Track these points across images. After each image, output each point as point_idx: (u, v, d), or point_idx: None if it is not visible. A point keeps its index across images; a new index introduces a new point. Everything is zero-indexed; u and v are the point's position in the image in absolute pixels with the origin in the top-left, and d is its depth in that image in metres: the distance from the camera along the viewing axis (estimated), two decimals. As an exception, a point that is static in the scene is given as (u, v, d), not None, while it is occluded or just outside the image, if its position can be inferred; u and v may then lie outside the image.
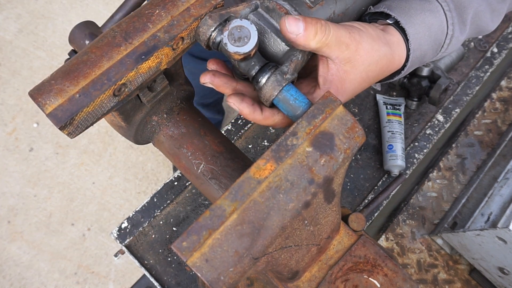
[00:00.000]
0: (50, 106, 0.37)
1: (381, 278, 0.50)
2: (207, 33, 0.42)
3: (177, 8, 0.42)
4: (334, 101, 0.40)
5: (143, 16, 0.41)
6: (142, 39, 0.40)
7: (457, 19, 0.52)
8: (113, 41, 0.40)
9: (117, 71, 0.39)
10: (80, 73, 0.38)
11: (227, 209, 0.34)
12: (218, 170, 0.51)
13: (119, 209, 1.90)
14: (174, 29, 0.41)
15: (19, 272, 1.78)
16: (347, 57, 0.44)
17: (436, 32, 0.51)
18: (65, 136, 1.99)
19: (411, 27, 0.49)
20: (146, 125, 0.51)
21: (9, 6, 2.27)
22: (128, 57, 0.39)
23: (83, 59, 0.39)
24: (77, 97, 0.37)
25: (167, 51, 0.41)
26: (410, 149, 0.99)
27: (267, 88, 0.42)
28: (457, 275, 0.89)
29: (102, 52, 0.39)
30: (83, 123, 0.39)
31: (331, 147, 0.38)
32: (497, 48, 1.11)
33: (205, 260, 0.33)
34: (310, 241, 0.45)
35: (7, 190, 1.90)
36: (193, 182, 0.53)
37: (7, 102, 2.07)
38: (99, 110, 0.39)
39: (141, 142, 0.54)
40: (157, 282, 0.86)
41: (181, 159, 0.52)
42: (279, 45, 0.44)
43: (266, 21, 0.44)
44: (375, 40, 0.46)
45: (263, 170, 0.36)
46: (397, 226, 0.93)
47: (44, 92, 0.37)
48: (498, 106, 1.06)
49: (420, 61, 0.52)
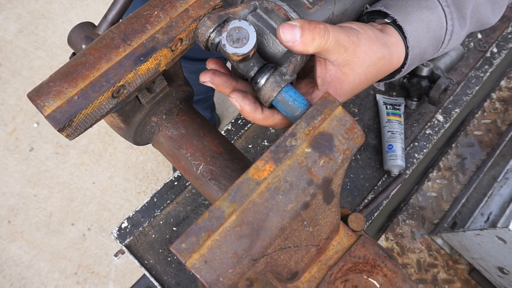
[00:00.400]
0: (49, 108, 0.37)
1: (381, 278, 0.50)
2: (206, 34, 0.42)
3: (175, 9, 0.42)
4: (333, 102, 0.40)
5: (142, 18, 0.41)
6: (141, 41, 0.40)
7: (456, 14, 0.52)
8: (112, 42, 0.40)
9: (115, 73, 0.39)
10: (79, 75, 0.38)
11: (226, 210, 0.34)
12: (218, 171, 0.51)
13: (119, 209, 1.91)
14: (173, 30, 0.41)
15: (19, 272, 1.78)
16: (346, 59, 0.44)
17: (435, 28, 0.51)
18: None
19: (409, 24, 0.49)
20: (145, 126, 0.51)
21: (9, 6, 2.27)
22: (127, 58, 0.39)
23: (81, 61, 0.39)
24: (75, 99, 0.37)
25: (166, 53, 0.41)
26: (410, 149, 0.99)
27: (266, 89, 0.42)
28: (457, 275, 0.89)
29: (101, 54, 0.39)
30: (82, 125, 0.39)
31: (330, 148, 0.38)
32: (497, 48, 1.11)
33: (204, 261, 0.33)
34: (310, 242, 0.45)
35: (7, 190, 1.90)
36: (192, 183, 0.53)
37: (7, 102, 2.07)
38: (98, 112, 0.39)
39: (141, 143, 0.54)
40: (157, 282, 0.86)
41: (180, 160, 0.52)
42: (278, 46, 0.44)
43: (265, 22, 0.44)
44: (373, 42, 0.46)
45: (262, 171, 0.36)
46: (397, 226, 0.93)
47: (42, 94, 0.37)
48: (498, 106, 1.06)
49: (420, 58, 0.53)
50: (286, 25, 0.41)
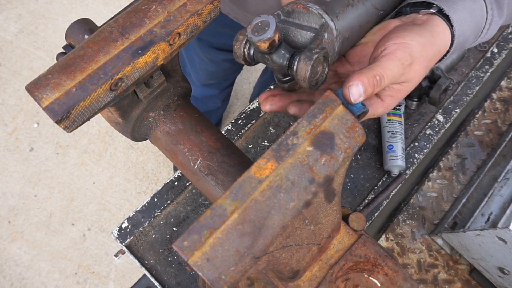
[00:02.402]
0: (47, 100, 0.37)
1: (382, 277, 0.50)
2: (241, 48, 0.46)
3: (173, 3, 0.42)
4: (334, 101, 0.40)
5: (140, 12, 0.41)
6: (139, 34, 0.40)
7: (495, 3, 0.54)
8: (110, 36, 0.40)
9: (113, 66, 0.39)
10: (77, 68, 0.38)
11: (228, 208, 0.35)
12: (215, 166, 0.51)
13: (119, 209, 1.91)
14: (171, 24, 0.41)
15: (20, 272, 1.78)
16: (403, 80, 0.48)
17: (477, 17, 0.52)
18: (66, 136, 2.00)
19: (455, 13, 0.50)
20: (143, 121, 0.51)
21: (10, 7, 2.27)
22: (125, 51, 0.40)
23: (79, 54, 0.39)
24: (73, 91, 0.37)
25: (164, 47, 0.41)
26: (410, 149, 1.00)
27: (300, 66, 0.44)
28: (457, 275, 0.89)
29: (99, 47, 0.39)
30: (79, 117, 0.39)
31: (332, 147, 0.38)
32: (497, 48, 1.11)
33: (206, 259, 0.33)
34: (311, 241, 0.45)
35: (8, 190, 1.90)
36: (189, 178, 0.53)
37: (7, 102, 2.07)
38: (96, 104, 0.39)
39: (138, 139, 0.54)
40: (158, 282, 0.86)
41: (177, 155, 0.52)
42: (305, 35, 0.47)
43: (288, 22, 0.48)
44: (425, 48, 0.48)
45: (264, 170, 0.36)
46: (397, 226, 0.93)
47: (41, 86, 0.37)
48: (498, 106, 1.06)
49: (461, 47, 0.54)
50: (353, 87, 0.44)
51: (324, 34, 0.46)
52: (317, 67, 0.44)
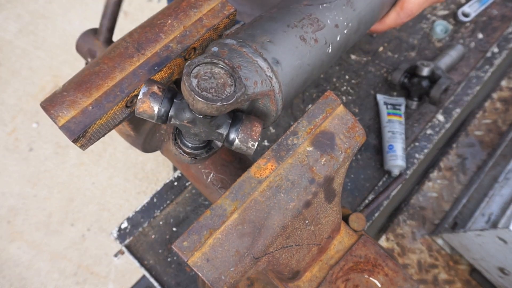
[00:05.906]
0: (63, 118, 0.36)
1: (382, 277, 0.50)
2: (155, 108, 0.38)
3: (189, 18, 0.41)
4: (335, 101, 0.40)
5: (155, 26, 0.41)
6: (155, 50, 0.40)
7: None
8: (126, 52, 0.39)
9: (130, 83, 0.38)
10: (93, 85, 0.37)
11: (228, 208, 0.34)
12: (228, 179, 0.50)
13: (119, 209, 1.90)
14: (187, 39, 0.41)
15: (19, 272, 1.77)
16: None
17: None
18: (65, 136, 1.99)
19: None
20: (154, 134, 0.51)
21: (9, 6, 2.27)
22: (141, 68, 0.39)
23: (95, 70, 0.38)
24: (90, 109, 0.37)
25: (180, 62, 0.41)
26: (410, 149, 0.99)
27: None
28: (458, 276, 0.89)
29: (115, 63, 0.39)
30: (95, 135, 0.38)
31: (332, 147, 0.38)
32: (498, 48, 1.11)
33: (206, 259, 0.33)
34: (311, 241, 0.44)
35: (7, 190, 1.90)
36: (202, 191, 0.53)
37: (7, 102, 2.07)
38: (112, 121, 0.38)
39: (149, 150, 0.53)
40: (157, 282, 0.86)
41: (190, 168, 0.52)
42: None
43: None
44: None
45: (263, 170, 0.36)
46: (397, 226, 0.93)
47: (56, 104, 0.36)
48: (499, 106, 1.06)
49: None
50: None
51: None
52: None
